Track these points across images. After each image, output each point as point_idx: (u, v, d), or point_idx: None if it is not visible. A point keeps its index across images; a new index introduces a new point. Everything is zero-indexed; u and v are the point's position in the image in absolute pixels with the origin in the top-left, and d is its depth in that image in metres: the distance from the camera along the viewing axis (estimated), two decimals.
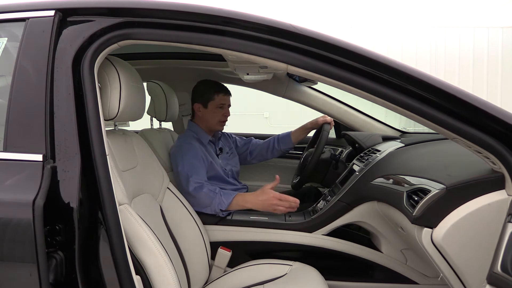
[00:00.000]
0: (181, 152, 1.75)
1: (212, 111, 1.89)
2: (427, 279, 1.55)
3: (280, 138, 2.22)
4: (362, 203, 1.53)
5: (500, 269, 0.75)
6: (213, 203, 1.60)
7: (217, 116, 1.90)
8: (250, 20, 0.94)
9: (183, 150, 1.76)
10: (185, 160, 1.70)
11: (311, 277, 1.39)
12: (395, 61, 0.91)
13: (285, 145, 2.21)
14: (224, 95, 1.90)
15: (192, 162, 1.71)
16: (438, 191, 1.02)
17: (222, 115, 1.90)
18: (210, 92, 1.88)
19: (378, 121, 2.36)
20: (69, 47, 0.93)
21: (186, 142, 1.82)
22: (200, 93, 1.92)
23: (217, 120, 1.90)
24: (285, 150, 2.25)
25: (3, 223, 0.82)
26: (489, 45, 6.18)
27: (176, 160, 1.74)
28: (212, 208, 1.60)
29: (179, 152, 1.76)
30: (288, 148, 2.25)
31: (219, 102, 1.88)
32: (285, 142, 2.21)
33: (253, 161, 2.26)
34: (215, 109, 1.88)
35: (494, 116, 0.86)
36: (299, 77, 2.33)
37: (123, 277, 0.88)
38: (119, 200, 0.97)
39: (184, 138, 1.86)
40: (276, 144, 2.20)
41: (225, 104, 1.91)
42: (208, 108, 1.89)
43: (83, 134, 0.90)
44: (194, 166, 1.70)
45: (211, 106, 1.88)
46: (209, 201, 1.61)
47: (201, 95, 1.91)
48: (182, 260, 1.30)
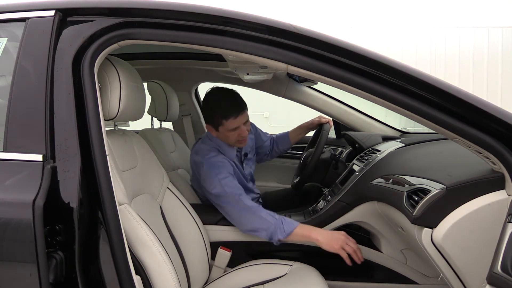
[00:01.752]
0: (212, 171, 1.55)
1: (224, 134, 1.63)
2: (427, 279, 1.55)
3: (278, 141, 2.20)
4: (362, 203, 1.53)
5: (500, 269, 0.75)
6: (270, 229, 1.44)
7: (231, 138, 1.64)
8: (250, 20, 0.94)
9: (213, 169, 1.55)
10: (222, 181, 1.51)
11: (311, 277, 1.39)
12: (395, 61, 0.91)
13: (283, 145, 2.20)
14: (235, 118, 1.58)
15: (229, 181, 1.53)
16: (438, 191, 1.02)
17: (238, 135, 1.63)
18: (217, 118, 1.59)
19: (378, 121, 2.36)
20: (69, 47, 0.93)
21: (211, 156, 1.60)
22: (208, 115, 1.65)
23: (233, 141, 1.66)
24: (284, 151, 2.25)
25: (3, 223, 0.82)
26: (489, 45, 6.18)
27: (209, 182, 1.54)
28: (268, 234, 1.44)
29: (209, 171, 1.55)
30: (287, 149, 2.24)
31: (230, 127, 1.59)
32: (284, 144, 2.20)
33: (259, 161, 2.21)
34: (228, 132, 1.61)
35: (494, 116, 0.86)
36: (299, 77, 2.33)
37: (123, 277, 0.88)
38: (119, 200, 0.97)
39: (207, 152, 1.62)
40: (275, 147, 2.19)
41: (239, 127, 1.61)
42: (220, 131, 1.63)
43: (83, 134, 0.90)
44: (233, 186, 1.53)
45: (222, 130, 1.61)
46: (265, 226, 1.44)
47: (209, 117, 1.64)
48: (182, 260, 1.30)
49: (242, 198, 1.50)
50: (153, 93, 2.01)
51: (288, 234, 1.43)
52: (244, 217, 1.49)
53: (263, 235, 1.45)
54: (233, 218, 1.52)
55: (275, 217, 1.46)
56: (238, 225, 1.52)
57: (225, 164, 1.61)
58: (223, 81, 2.47)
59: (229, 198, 1.51)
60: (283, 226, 1.44)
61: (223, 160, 1.62)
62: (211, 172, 1.55)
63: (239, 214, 1.50)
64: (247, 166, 1.84)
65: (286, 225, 1.44)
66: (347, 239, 1.40)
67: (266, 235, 1.45)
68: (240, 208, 1.49)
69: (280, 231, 1.43)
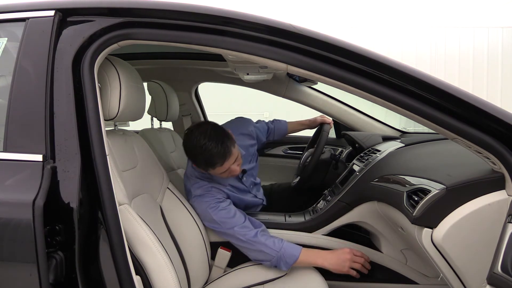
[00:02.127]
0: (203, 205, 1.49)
1: (215, 175, 1.54)
2: (427, 279, 1.55)
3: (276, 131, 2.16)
4: (362, 203, 1.53)
5: (500, 269, 0.75)
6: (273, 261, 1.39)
7: (223, 176, 1.53)
8: (250, 20, 0.94)
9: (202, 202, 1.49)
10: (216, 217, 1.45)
11: (311, 277, 1.39)
12: (395, 61, 0.91)
13: (278, 137, 2.17)
14: (222, 165, 1.43)
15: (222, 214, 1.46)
16: (438, 191, 1.02)
17: (229, 173, 1.50)
18: (202, 166, 1.47)
19: (378, 121, 2.36)
20: (69, 47, 0.93)
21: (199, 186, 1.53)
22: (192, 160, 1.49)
23: (226, 178, 1.56)
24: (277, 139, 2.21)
25: (3, 223, 0.82)
26: (489, 45, 6.18)
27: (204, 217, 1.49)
28: (272, 264, 1.40)
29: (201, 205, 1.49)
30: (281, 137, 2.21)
31: (219, 172, 1.47)
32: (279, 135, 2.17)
33: None
34: (218, 174, 1.50)
35: (494, 116, 0.86)
36: (299, 77, 2.33)
37: (123, 277, 0.88)
38: (119, 200, 0.97)
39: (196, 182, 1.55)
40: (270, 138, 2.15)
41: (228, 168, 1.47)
42: (210, 173, 1.52)
43: (83, 134, 0.90)
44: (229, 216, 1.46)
45: (212, 172, 1.50)
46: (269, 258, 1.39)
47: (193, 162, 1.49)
48: (182, 260, 1.29)
49: (237, 230, 1.42)
50: (153, 93, 2.01)
51: (291, 265, 1.39)
52: (245, 249, 1.44)
53: (267, 264, 1.42)
54: (237, 245, 1.46)
55: (275, 248, 1.39)
56: (242, 251, 1.46)
57: (213, 192, 1.52)
58: (223, 81, 2.47)
59: (225, 230, 1.45)
60: (285, 259, 1.39)
61: (212, 189, 1.53)
62: (200, 205, 1.50)
63: (239, 245, 1.45)
64: (248, 177, 1.76)
65: (288, 256, 1.39)
66: (353, 256, 1.40)
67: (270, 265, 1.42)
68: (238, 241, 1.44)
69: (284, 263, 1.39)
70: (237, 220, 1.45)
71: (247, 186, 1.74)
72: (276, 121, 2.20)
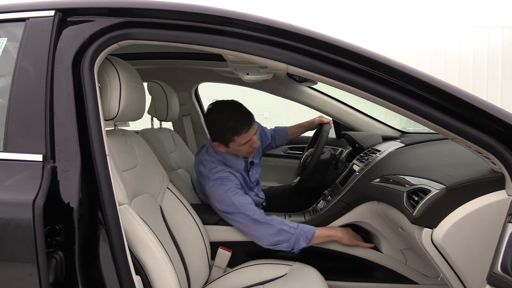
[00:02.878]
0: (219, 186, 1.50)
1: (235, 149, 1.57)
2: (427, 279, 1.55)
3: (276, 135, 2.18)
4: (362, 203, 1.53)
5: (500, 269, 0.75)
6: (292, 239, 1.42)
7: (242, 151, 1.58)
8: (250, 20, 0.94)
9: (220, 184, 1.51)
10: (233, 197, 1.47)
11: (311, 277, 1.39)
12: (395, 61, 0.91)
13: (280, 141, 2.19)
14: (247, 132, 1.50)
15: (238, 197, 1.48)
16: (438, 191, 1.02)
17: (249, 146, 1.56)
18: (228, 135, 1.51)
19: (378, 121, 2.36)
20: (69, 47, 0.93)
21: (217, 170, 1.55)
22: (215, 133, 1.56)
23: (244, 153, 1.61)
24: (280, 145, 2.23)
25: (3, 223, 0.82)
26: (489, 45, 6.18)
27: (218, 199, 1.50)
28: (290, 245, 1.43)
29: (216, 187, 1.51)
30: (283, 144, 2.23)
31: (242, 141, 1.52)
32: (281, 140, 2.19)
33: None
34: (239, 147, 1.54)
35: (494, 116, 0.86)
36: (299, 77, 2.33)
37: (123, 277, 0.88)
38: (119, 200, 0.97)
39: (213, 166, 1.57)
40: (273, 142, 2.17)
41: (251, 139, 1.53)
42: (231, 147, 1.56)
43: (83, 134, 0.90)
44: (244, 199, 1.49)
45: (233, 145, 1.54)
46: (286, 237, 1.43)
47: (217, 135, 1.56)
48: (182, 260, 1.29)
49: (257, 214, 1.46)
50: (153, 93, 2.01)
51: (310, 240, 1.44)
52: (263, 232, 1.45)
53: (284, 246, 1.43)
54: (250, 234, 1.48)
55: (294, 226, 1.45)
56: (257, 240, 1.47)
57: (232, 178, 1.55)
58: (223, 81, 2.48)
59: (243, 215, 1.46)
60: (305, 234, 1.44)
61: (230, 175, 1.56)
62: (219, 188, 1.50)
63: (256, 230, 1.46)
64: (253, 172, 1.78)
65: (306, 231, 1.45)
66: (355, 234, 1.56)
67: (288, 246, 1.43)
68: (257, 224, 1.45)
69: (303, 238, 1.44)
70: (254, 206, 1.50)
71: (252, 182, 1.74)
72: (276, 128, 2.22)
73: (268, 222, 1.45)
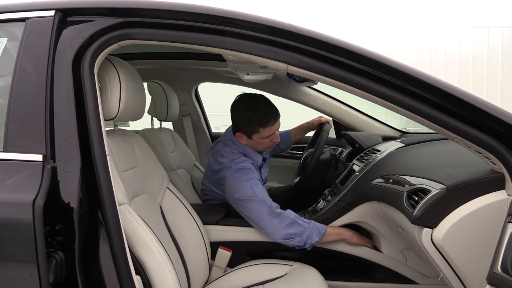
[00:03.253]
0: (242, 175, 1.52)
1: (257, 142, 1.61)
2: (427, 279, 1.55)
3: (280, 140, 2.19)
4: (362, 203, 1.53)
5: (500, 269, 0.75)
6: (305, 234, 1.43)
7: (263, 145, 1.64)
8: (250, 20, 0.94)
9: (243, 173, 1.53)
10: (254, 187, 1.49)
11: (311, 277, 1.39)
12: (395, 61, 0.91)
13: (284, 145, 2.20)
14: (273, 125, 1.57)
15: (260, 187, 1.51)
16: (438, 191, 1.02)
17: (270, 141, 1.62)
18: (254, 126, 1.56)
19: (378, 121, 2.36)
20: (69, 47, 0.93)
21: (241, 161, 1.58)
22: (242, 123, 1.60)
23: (264, 147, 1.66)
24: (285, 149, 2.25)
25: (3, 223, 0.82)
26: (489, 45, 6.18)
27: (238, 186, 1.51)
28: (303, 240, 1.43)
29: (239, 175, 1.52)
30: (287, 147, 2.24)
31: (266, 134, 1.58)
32: (285, 143, 2.19)
33: None
34: (261, 139, 1.60)
35: (494, 116, 0.86)
36: (299, 77, 2.33)
37: (123, 277, 0.88)
38: (119, 200, 0.97)
39: (236, 156, 1.60)
40: (277, 146, 2.18)
41: (273, 133, 1.60)
42: (253, 139, 1.60)
43: (83, 134, 0.90)
44: (263, 191, 1.51)
45: (256, 137, 1.59)
46: (300, 231, 1.43)
47: (243, 126, 1.59)
48: (182, 260, 1.29)
49: (274, 205, 1.46)
50: (153, 93, 2.01)
51: (323, 235, 1.45)
52: (278, 225, 1.44)
53: (296, 241, 1.43)
54: (264, 226, 1.46)
55: (307, 221, 1.46)
56: (270, 233, 1.46)
57: (254, 169, 1.57)
58: (223, 81, 2.48)
59: (261, 204, 1.46)
60: (318, 228, 1.45)
61: (252, 166, 1.58)
62: (242, 177, 1.51)
63: (271, 222, 1.44)
64: (263, 170, 1.80)
65: (319, 226, 1.47)
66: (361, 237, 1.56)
67: (300, 241, 1.43)
68: (272, 216, 1.44)
69: (316, 233, 1.44)
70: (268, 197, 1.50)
71: (262, 179, 1.73)
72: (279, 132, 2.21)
73: (284, 213, 1.45)
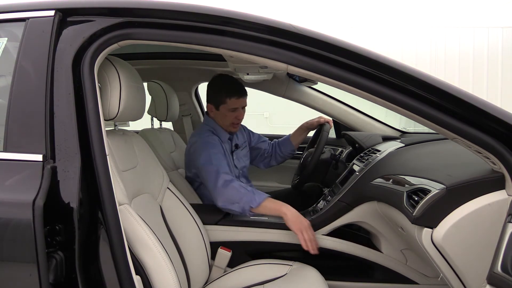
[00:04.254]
0: (204, 146, 1.69)
1: (223, 114, 1.80)
2: (427, 279, 1.55)
3: (280, 144, 2.19)
4: (362, 203, 1.53)
5: (500, 269, 0.75)
6: (243, 200, 1.54)
7: (229, 119, 1.81)
8: (250, 20, 0.94)
9: (207, 144, 1.70)
10: (212, 154, 1.64)
11: (311, 277, 1.39)
12: (395, 61, 0.91)
13: (286, 149, 2.19)
14: (238, 99, 1.78)
15: (218, 156, 1.65)
16: (438, 191, 1.02)
17: (235, 117, 1.81)
18: (222, 95, 1.78)
19: (378, 121, 2.36)
20: (69, 47, 0.93)
21: (207, 135, 1.75)
22: (212, 94, 1.83)
23: (229, 122, 1.82)
24: (288, 154, 2.22)
25: (3, 223, 0.82)
26: (489, 45, 6.18)
27: (200, 154, 1.67)
28: (240, 205, 1.55)
29: (202, 146, 1.70)
30: (291, 151, 2.22)
31: (231, 106, 1.78)
32: (286, 147, 2.19)
33: (258, 165, 2.23)
34: (227, 112, 1.79)
35: (494, 116, 0.86)
36: (299, 77, 2.33)
37: (123, 277, 0.88)
38: (119, 200, 0.97)
39: (203, 132, 1.79)
40: (278, 151, 2.18)
41: (238, 108, 1.80)
42: (220, 110, 1.80)
43: (83, 134, 0.90)
44: (221, 160, 1.64)
45: (223, 109, 1.79)
46: (238, 197, 1.55)
47: (213, 96, 1.82)
48: (182, 260, 1.29)
49: (224, 174, 1.59)
50: (153, 93, 2.01)
51: (259, 204, 1.54)
52: (222, 190, 1.57)
53: (236, 207, 1.55)
54: (212, 190, 1.60)
55: (247, 188, 1.57)
56: (214, 197, 1.59)
57: (218, 144, 1.73)
58: None
59: (212, 169, 1.60)
60: (255, 196, 1.55)
61: (218, 142, 1.74)
62: (205, 147, 1.68)
63: (216, 186, 1.58)
64: (237, 159, 1.90)
65: (258, 195, 1.56)
66: (309, 228, 1.50)
67: (239, 207, 1.54)
68: (220, 182, 1.57)
69: (252, 201, 1.54)
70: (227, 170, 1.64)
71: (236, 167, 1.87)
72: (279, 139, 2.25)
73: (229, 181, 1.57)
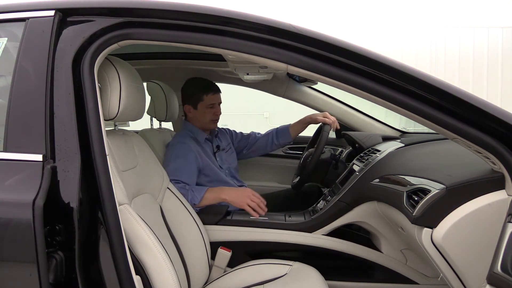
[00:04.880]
0: (172, 151, 1.77)
1: (202, 112, 1.88)
2: (427, 279, 1.55)
3: (278, 132, 2.17)
4: (362, 203, 1.53)
5: (500, 269, 0.75)
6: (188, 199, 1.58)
7: (208, 116, 1.89)
8: (250, 20, 0.94)
9: (174, 149, 1.77)
10: (173, 160, 1.71)
11: (311, 277, 1.39)
12: (395, 61, 0.91)
13: (284, 139, 2.17)
14: (213, 94, 1.88)
15: (178, 162, 1.70)
16: (438, 191, 1.02)
17: (213, 114, 1.89)
18: (198, 93, 1.87)
19: (378, 121, 2.36)
20: (69, 47, 0.93)
21: (180, 141, 1.81)
22: (189, 94, 1.92)
23: (209, 119, 1.90)
24: (284, 145, 2.24)
25: (3, 223, 0.82)
26: (489, 45, 6.18)
27: (168, 158, 1.76)
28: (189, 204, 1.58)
29: (171, 150, 1.78)
30: (287, 142, 2.22)
31: (208, 103, 1.87)
32: (284, 137, 2.17)
33: (251, 154, 2.23)
34: (206, 109, 1.88)
35: (494, 116, 0.86)
36: (299, 77, 2.33)
37: (123, 277, 0.88)
38: (119, 200, 0.97)
39: (180, 137, 1.85)
40: (275, 139, 2.16)
41: (215, 103, 1.90)
42: (198, 109, 1.88)
43: (83, 134, 0.90)
44: (179, 166, 1.70)
45: (201, 107, 1.88)
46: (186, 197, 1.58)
47: (189, 96, 1.91)
48: (182, 260, 1.29)
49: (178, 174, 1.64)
50: (152, 93, 2.01)
51: (200, 200, 1.61)
52: None
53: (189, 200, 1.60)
54: None
55: (186, 188, 1.63)
56: None
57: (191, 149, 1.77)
58: (223, 81, 2.47)
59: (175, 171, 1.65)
60: (195, 193, 1.62)
61: (189, 147, 1.77)
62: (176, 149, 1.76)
63: None
64: (221, 160, 1.95)
65: (197, 191, 1.63)
66: (251, 195, 1.63)
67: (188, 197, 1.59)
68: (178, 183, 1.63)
69: (194, 198, 1.61)
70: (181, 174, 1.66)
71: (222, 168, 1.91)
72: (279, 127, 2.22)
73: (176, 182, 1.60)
